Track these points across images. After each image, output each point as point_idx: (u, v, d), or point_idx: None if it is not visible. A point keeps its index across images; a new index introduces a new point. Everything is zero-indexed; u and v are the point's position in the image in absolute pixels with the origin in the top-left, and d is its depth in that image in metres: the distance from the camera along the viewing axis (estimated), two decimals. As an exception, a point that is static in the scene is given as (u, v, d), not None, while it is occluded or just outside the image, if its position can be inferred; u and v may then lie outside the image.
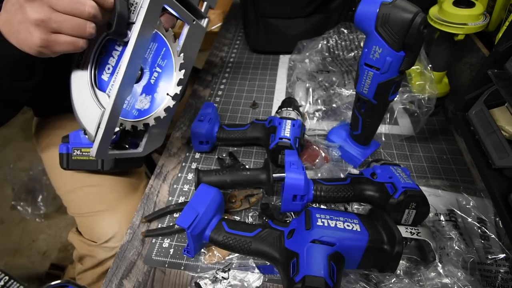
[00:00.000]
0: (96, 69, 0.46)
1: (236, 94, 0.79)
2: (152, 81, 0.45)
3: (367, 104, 0.50)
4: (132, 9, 0.41)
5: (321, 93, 0.69)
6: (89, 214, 0.65)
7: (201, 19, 0.50)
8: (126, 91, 0.41)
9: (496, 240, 0.46)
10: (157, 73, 0.45)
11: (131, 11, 0.41)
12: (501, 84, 0.38)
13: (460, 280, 0.39)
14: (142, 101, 0.45)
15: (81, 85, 0.45)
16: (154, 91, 0.45)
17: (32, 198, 1.45)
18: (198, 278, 0.45)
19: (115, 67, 0.45)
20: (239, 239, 0.42)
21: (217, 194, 0.46)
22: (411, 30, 0.38)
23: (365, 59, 0.44)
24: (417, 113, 0.59)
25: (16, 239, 1.39)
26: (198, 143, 0.61)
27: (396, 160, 0.61)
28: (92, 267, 0.64)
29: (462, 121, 0.45)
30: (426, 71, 0.58)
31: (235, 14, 1.14)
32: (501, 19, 0.58)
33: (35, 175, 1.48)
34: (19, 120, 1.82)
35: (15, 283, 0.43)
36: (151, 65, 0.45)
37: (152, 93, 0.45)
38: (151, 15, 0.39)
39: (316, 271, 0.34)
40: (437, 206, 0.51)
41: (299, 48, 0.79)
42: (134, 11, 0.41)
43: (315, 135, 0.65)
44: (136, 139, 0.51)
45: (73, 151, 0.56)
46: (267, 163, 0.52)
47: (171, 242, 0.50)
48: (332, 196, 0.47)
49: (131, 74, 0.41)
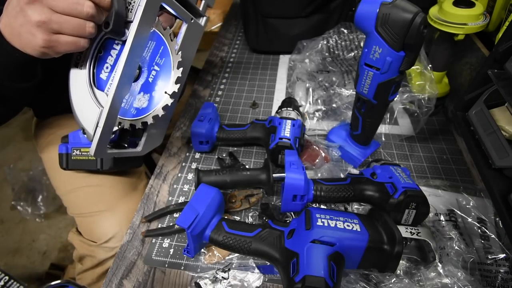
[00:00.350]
0: (94, 68, 0.46)
1: (236, 94, 0.79)
2: (150, 79, 0.45)
3: (367, 104, 0.50)
4: (130, 7, 0.41)
5: (321, 93, 0.69)
6: (89, 214, 0.65)
7: (199, 17, 0.50)
8: (124, 89, 0.41)
9: (496, 240, 0.46)
10: (155, 72, 0.45)
11: (129, 9, 0.41)
12: (501, 84, 0.38)
13: (460, 280, 0.39)
14: (140, 99, 0.45)
15: (80, 84, 0.45)
16: (152, 90, 0.45)
17: (32, 198, 1.45)
18: (198, 278, 0.45)
19: (113, 65, 0.45)
20: (239, 239, 0.42)
21: (217, 194, 0.46)
22: (411, 30, 0.38)
23: (365, 59, 0.44)
24: (417, 113, 0.59)
25: (16, 239, 1.39)
26: (198, 143, 0.61)
27: (396, 160, 0.61)
28: (92, 267, 0.64)
29: (462, 121, 0.45)
30: (426, 71, 0.58)
31: (235, 14, 1.14)
32: (501, 19, 0.58)
33: (35, 175, 1.48)
34: (19, 120, 1.82)
35: (15, 283, 0.44)
36: (149, 64, 0.45)
37: (150, 91, 0.45)
38: (149, 13, 0.39)
39: (316, 271, 0.34)
40: (437, 206, 0.51)
41: (299, 48, 0.79)
42: (131, 9, 0.41)
43: (315, 135, 0.65)
44: (135, 138, 0.51)
45: (72, 151, 0.56)
46: (267, 163, 0.52)
47: (171, 242, 0.50)
48: (332, 196, 0.47)
49: (129, 72, 0.41)
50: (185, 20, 0.47)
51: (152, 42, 0.44)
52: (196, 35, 0.50)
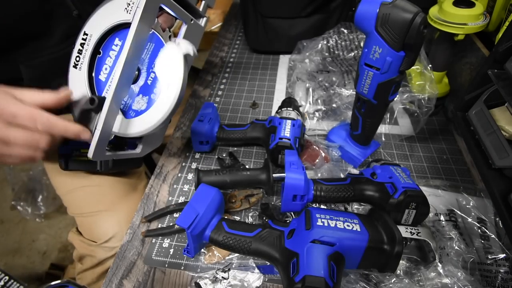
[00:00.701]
0: (93, 70, 0.46)
1: (236, 94, 0.79)
2: (149, 82, 0.45)
3: (367, 104, 0.50)
4: (129, 8, 0.41)
5: (321, 93, 0.69)
6: (89, 214, 0.65)
7: (199, 18, 0.50)
8: (122, 92, 0.41)
9: (496, 240, 0.46)
10: (154, 74, 0.45)
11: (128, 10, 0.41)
12: (501, 84, 0.38)
13: (460, 280, 0.39)
14: (139, 102, 0.45)
15: (78, 86, 0.45)
16: (151, 92, 0.45)
17: (32, 198, 1.45)
18: (198, 278, 0.45)
19: (112, 67, 0.45)
20: (239, 239, 0.42)
21: (217, 194, 0.46)
22: (411, 30, 0.38)
23: (365, 59, 0.44)
24: (417, 113, 0.59)
25: (16, 239, 1.39)
26: (198, 143, 0.61)
27: (396, 160, 0.61)
28: (92, 267, 0.65)
29: (462, 121, 0.45)
30: (426, 71, 0.58)
31: (235, 14, 1.14)
32: (501, 19, 0.58)
33: (35, 175, 1.48)
34: (19, 120, 1.82)
35: (15, 283, 0.44)
36: (148, 66, 0.45)
37: (149, 94, 0.45)
38: (148, 15, 0.39)
39: (316, 271, 0.34)
40: (437, 206, 0.51)
41: (299, 48, 0.79)
42: (130, 11, 0.41)
43: (315, 135, 0.65)
44: (135, 139, 0.51)
45: (72, 152, 0.56)
46: (267, 163, 0.52)
47: (171, 242, 0.50)
48: (332, 196, 0.47)
49: (127, 75, 0.41)
50: (185, 21, 0.47)
51: (151, 44, 0.44)
52: (196, 36, 0.49)
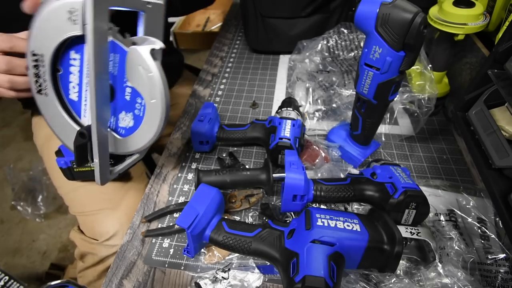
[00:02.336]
0: (60, 91, 0.42)
1: (236, 94, 0.79)
2: (127, 97, 0.40)
3: (367, 104, 0.50)
4: (73, 18, 0.35)
5: (321, 93, 0.69)
6: (91, 213, 0.66)
7: None
8: (104, 113, 0.38)
9: (496, 240, 0.46)
10: (130, 89, 0.40)
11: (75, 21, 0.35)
12: (501, 84, 0.38)
13: (460, 280, 0.39)
14: (124, 119, 0.42)
15: (54, 112, 0.42)
16: (134, 108, 0.41)
17: (32, 198, 1.45)
18: (198, 278, 0.45)
19: (80, 84, 0.41)
20: (239, 239, 0.42)
21: (217, 194, 0.46)
22: (411, 30, 0.38)
23: (365, 59, 0.44)
24: (417, 113, 0.59)
25: (16, 239, 1.40)
26: (198, 143, 0.61)
27: (396, 160, 0.61)
28: (94, 265, 0.65)
29: (462, 121, 0.45)
30: (426, 71, 0.58)
31: (235, 14, 1.14)
32: (501, 19, 0.58)
33: (35, 175, 1.49)
34: (19, 120, 1.82)
35: (15, 283, 0.44)
36: (119, 81, 0.40)
37: (132, 109, 0.41)
38: (100, 23, 0.34)
39: (316, 271, 0.34)
40: (437, 206, 0.51)
41: (299, 48, 0.79)
42: (76, 21, 0.35)
43: (315, 135, 0.65)
44: None
45: (72, 164, 0.56)
46: (267, 163, 0.52)
47: (171, 242, 0.50)
48: (332, 196, 0.47)
49: (102, 94, 0.37)
50: (142, 9, 0.40)
51: (116, 54, 0.38)
52: (158, 19, 0.42)
